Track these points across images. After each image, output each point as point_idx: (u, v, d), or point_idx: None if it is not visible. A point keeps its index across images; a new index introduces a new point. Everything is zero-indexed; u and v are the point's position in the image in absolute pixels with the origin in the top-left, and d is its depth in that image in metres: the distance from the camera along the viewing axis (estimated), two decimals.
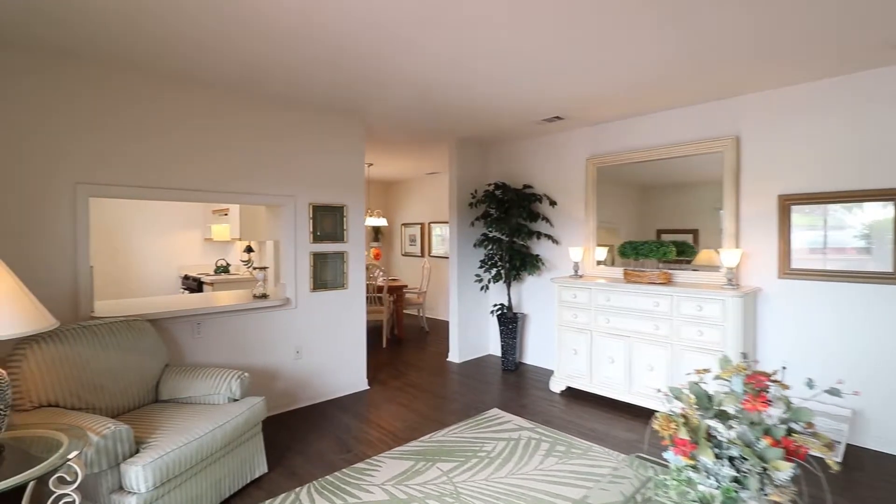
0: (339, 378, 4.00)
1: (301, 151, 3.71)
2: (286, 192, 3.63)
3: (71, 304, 2.72)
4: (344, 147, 3.99)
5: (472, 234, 5.16)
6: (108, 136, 2.85)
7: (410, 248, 8.35)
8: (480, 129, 4.56)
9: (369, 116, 4.06)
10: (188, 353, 3.17)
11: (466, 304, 5.13)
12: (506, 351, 4.75)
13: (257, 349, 3.49)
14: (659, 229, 4.02)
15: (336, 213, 3.93)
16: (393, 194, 8.75)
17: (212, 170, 3.25)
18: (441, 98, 3.52)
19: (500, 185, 4.79)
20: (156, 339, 2.76)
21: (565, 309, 4.05)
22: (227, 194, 3.32)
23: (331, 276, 3.90)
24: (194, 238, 6.61)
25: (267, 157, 3.52)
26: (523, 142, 5.02)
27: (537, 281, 4.90)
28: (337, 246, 3.95)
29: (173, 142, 3.09)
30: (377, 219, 6.60)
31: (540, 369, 4.78)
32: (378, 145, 5.26)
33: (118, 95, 2.88)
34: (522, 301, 5.05)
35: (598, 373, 3.84)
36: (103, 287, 5.80)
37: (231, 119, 3.33)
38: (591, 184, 4.37)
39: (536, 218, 4.72)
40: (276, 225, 3.78)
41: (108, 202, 5.85)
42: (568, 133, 4.58)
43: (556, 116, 4.08)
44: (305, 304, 3.76)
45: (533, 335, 4.96)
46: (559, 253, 4.71)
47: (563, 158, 4.66)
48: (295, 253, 3.69)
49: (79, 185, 2.75)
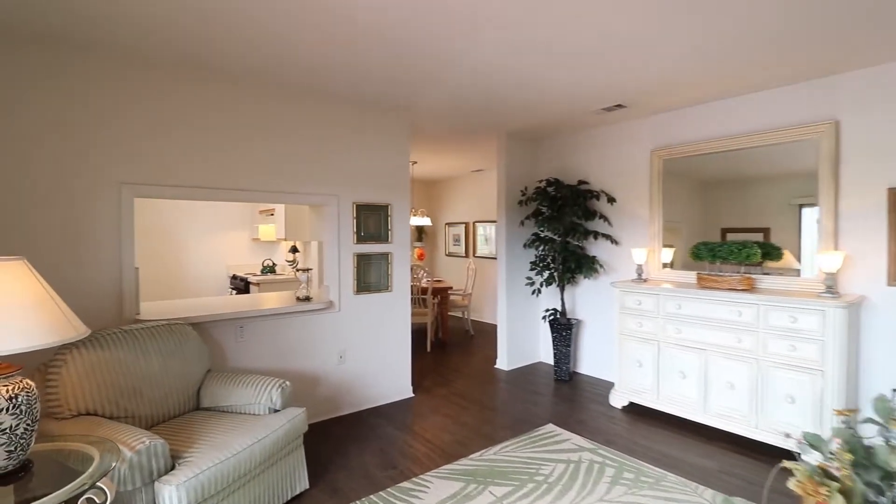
0: (383, 385, 3.82)
1: (345, 149, 3.55)
2: (329, 190, 3.48)
3: (115, 306, 2.67)
4: (388, 144, 3.80)
5: (522, 233, 4.86)
6: (153, 135, 2.78)
7: (454, 248, 8.13)
8: (532, 122, 4.26)
9: (416, 111, 3.85)
10: (231, 356, 3.07)
11: (515, 308, 4.84)
12: (559, 359, 4.41)
13: (300, 353, 3.37)
14: (724, 228, 3.60)
15: (380, 212, 3.75)
16: (437, 193, 8.55)
17: (255, 169, 3.14)
18: (493, 88, 3.26)
19: (552, 182, 4.46)
20: (198, 343, 2.66)
21: (628, 316, 3.68)
22: (270, 193, 3.21)
23: (375, 278, 3.73)
24: (242, 238, 6.68)
25: (310, 155, 3.38)
26: (578, 134, 4.67)
27: (593, 285, 4.53)
28: (381, 247, 3.77)
29: (217, 141, 3.00)
30: (421, 218, 6.42)
31: (597, 380, 4.41)
32: (422, 142, 5.06)
33: (163, 95, 2.81)
34: (576, 306, 4.70)
35: (666, 388, 3.45)
36: (155, 288, 5.94)
37: (275, 117, 3.22)
38: (656, 178, 3.96)
39: (593, 216, 4.35)
40: (320, 225, 3.65)
41: (160, 203, 5.99)
42: (629, 123, 4.19)
43: (618, 105, 3.71)
44: (349, 307, 3.60)
45: (588, 343, 4.59)
46: (618, 254, 4.33)
47: (623, 151, 4.27)
48: (338, 254, 3.54)
49: (123, 186, 2.69)
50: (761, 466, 2.79)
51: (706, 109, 3.66)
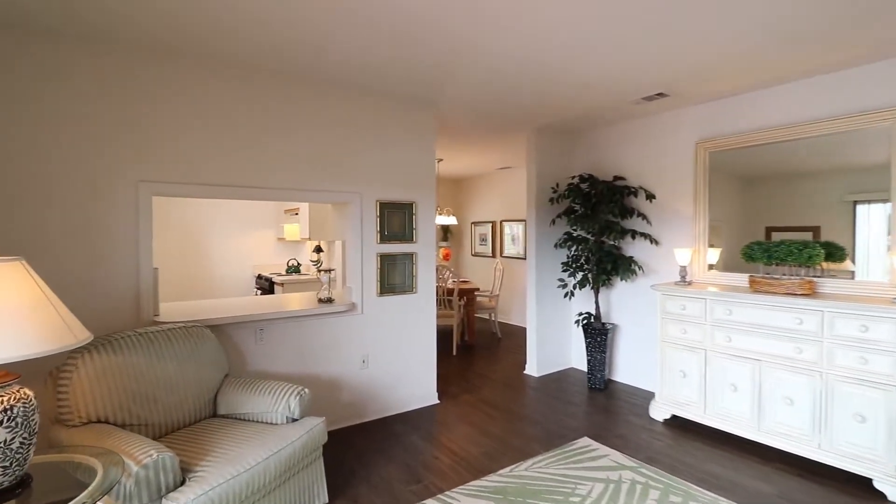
0: (408, 390, 3.66)
1: (368, 145, 3.41)
2: (352, 188, 3.34)
3: (132, 307, 2.60)
4: (413, 139, 3.64)
5: (553, 233, 4.62)
6: (173, 132, 2.70)
7: (481, 248, 7.92)
8: (565, 114, 4.02)
9: (441, 104, 3.68)
10: (250, 360, 2.97)
11: (545, 312, 4.60)
12: (593, 366, 4.16)
13: (321, 357, 3.24)
14: (769, 227, 3.33)
15: (405, 210, 3.59)
16: (462, 191, 8.36)
17: (276, 166, 3.03)
18: (524, 79, 3.05)
19: (586, 177, 4.20)
20: (216, 347, 2.56)
21: (671, 322, 3.41)
22: (292, 191, 3.09)
23: (399, 280, 3.57)
24: (268, 237, 6.66)
25: (333, 151, 3.25)
26: (613, 128, 4.39)
27: (630, 287, 4.25)
28: (405, 246, 3.61)
29: (238, 138, 2.89)
30: (447, 217, 6.24)
31: (634, 390, 4.14)
32: (448, 138, 4.89)
33: (184, 91, 2.72)
34: (611, 309, 4.43)
35: (714, 402, 3.16)
36: (179, 288, 5.97)
37: (297, 113, 3.10)
38: (701, 172, 3.66)
39: (630, 214, 4.08)
40: (342, 224, 3.52)
41: (185, 203, 6.01)
42: (672, 113, 3.90)
43: (659, 93, 3.44)
44: (372, 309, 3.45)
45: (624, 349, 4.32)
46: (658, 255, 4.04)
47: (664, 144, 3.98)
48: (361, 254, 3.40)
49: (141, 184, 2.61)
50: (827, 492, 2.49)
51: (756, 97, 3.35)
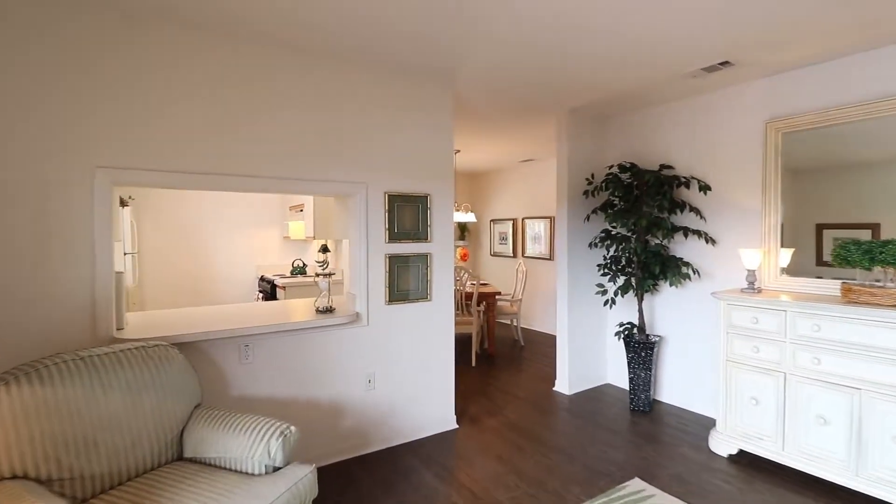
0: (421, 414, 3.15)
1: (374, 127, 2.90)
2: (355, 177, 2.84)
3: (87, 321, 2.13)
4: (428, 121, 3.12)
5: (587, 231, 4.06)
6: (139, 110, 2.22)
7: (500, 248, 7.37)
8: (605, 93, 3.45)
9: (459, 80, 3.15)
10: (234, 382, 2.49)
11: (578, 320, 4.04)
12: (635, 385, 3.59)
13: (319, 377, 2.75)
14: (819, 224, 2.87)
15: (417, 204, 3.07)
16: (481, 187, 7.82)
17: (266, 151, 2.54)
18: (554, 49, 2.50)
19: (627, 167, 3.63)
20: (185, 370, 2.08)
21: (739, 338, 2.82)
22: (284, 181, 2.60)
23: (411, 285, 3.06)
24: (272, 236, 6.23)
25: (332, 134, 2.75)
26: (658, 109, 3.80)
27: (678, 293, 3.67)
28: (419, 246, 3.09)
29: (220, 118, 2.41)
30: (465, 214, 5.72)
31: (685, 413, 3.55)
32: (466, 125, 4.36)
33: (154, 61, 2.24)
34: (655, 319, 3.84)
35: (797, 437, 2.57)
36: (176, 292, 5.56)
37: (288, 89, 2.60)
38: (772, 157, 3.06)
39: (680, 209, 3.49)
40: (345, 220, 3.02)
41: (183, 197, 5.60)
42: (734, 89, 3.30)
43: (724, 62, 2.85)
44: (379, 320, 2.95)
45: (672, 366, 3.73)
46: (714, 256, 3.44)
47: (722, 126, 3.38)
48: (366, 255, 2.89)
49: (100, 170, 2.15)
50: None
51: (848, 64, 2.73)
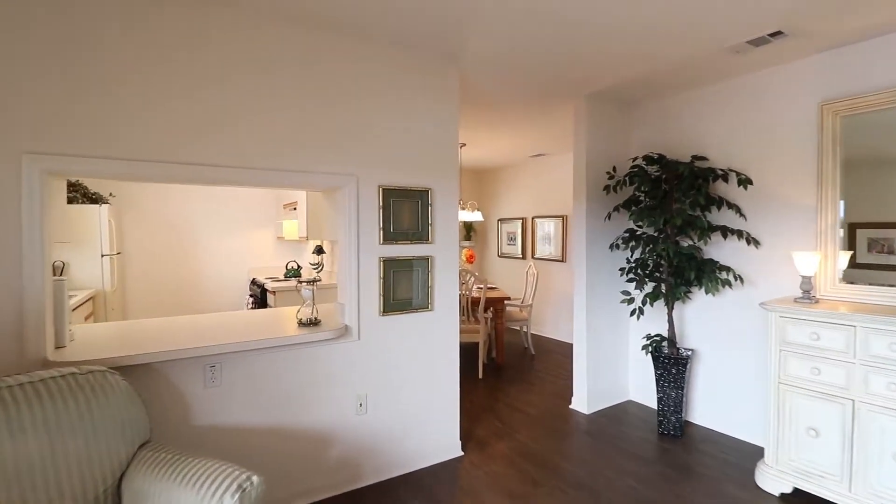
0: (421, 441, 2.75)
1: (368, 110, 2.50)
2: (345, 168, 2.44)
3: (11, 342, 1.75)
4: (430, 105, 2.72)
5: (607, 231, 3.64)
6: (78, 82, 1.84)
7: (509, 249, 6.96)
8: (626, 75, 3.03)
9: (465, 60, 2.75)
10: (197, 410, 2.10)
11: (597, 330, 3.62)
12: (665, 406, 3.16)
13: (302, 401, 2.35)
14: (853, 223, 2.55)
15: (417, 200, 2.67)
16: (488, 184, 7.41)
17: (234, 136, 2.15)
18: (571, 20, 2.09)
19: (655, 158, 3.21)
20: (128, 402, 1.69)
21: (795, 357, 2.40)
22: (259, 172, 2.20)
23: (409, 293, 2.66)
24: (266, 237, 5.86)
25: (318, 116, 2.36)
26: (690, 92, 3.38)
27: (713, 301, 3.24)
28: (418, 248, 2.69)
29: (177, 95, 2.03)
30: (472, 212, 5.31)
31: (722, 439, 3.12)
32: (472, 115, 3.95)
33: (91, 18, 1.86)
34: (686, 329, 3.42)
35: (867, 477, 2.14)
36: (161, 299, 5.20)
37: (265, 60, 2.21)
38: (828, 145, 2.63)
39: (717, 205, 3.07)
40: (333, 218, 2.63)
41: (165, 194, 5.24)
42: (783, 68, 2.86)
43: (776, 32, 2.43)
44: (372, 333, 2.55)
45: (705, 383, 3.31)
46: (757, 259, 3.02)
47: (766, 110, 2.95)
48: (357, 259, 2.50)
49: (27, 157, 1.77)
50: None
51: None
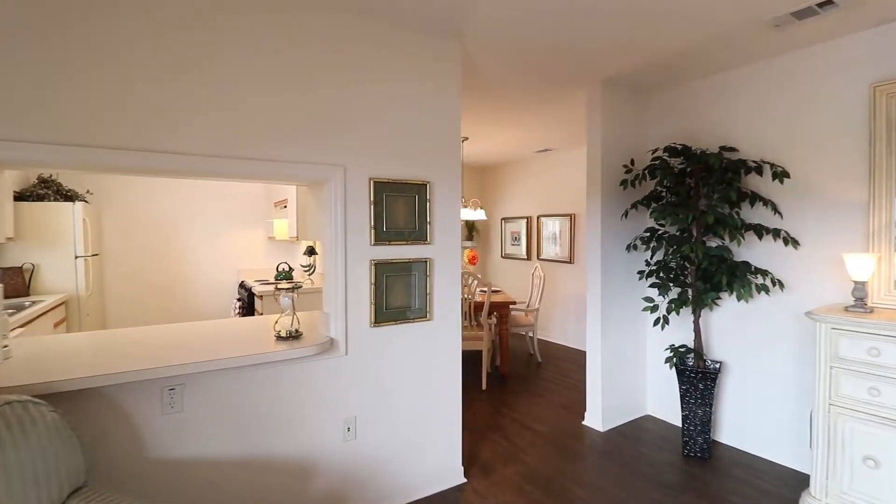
0: (419, 468, 2.43)
1: (357, 92, 2.18)
2: (328, 158, 2.12)
3: None
4: (429, 87, 2.40)
5: (623, 230, 3.32)
6: (16, 55, 1.53)
7: (513, 249, 6.64)
8: (645, 56, 2.71)
9: (468, 37, 2.44)
10: (152, 441, 1.78)
11: (613, 338, 3.30)
12: (690, 425, 2.84)
13: (279, 427, 2.04)
14: None
15: (414, 195, 2.35)
16: (491, 181, 7.09)
17: (204, 120, 1.84)
18: None
19: (678, 149, 2.89)
20: (56, 438, 1.38)
21: (849, 375, 2.08)
22: (228, 161, 1.89)
23: (405, 300, 2.34)
24: (257, 236, 5.54)
25: (299, 98, 2.04)
26: (716, 76, 3.05)
27: (744, 308, 2.92)
28: (416, 249, 2.38)
29: (140, 72, 1.71)
30: (474, 211, 4.99)
31: (754, 462, 2.80)
32: (475, 107, 3.63)
33: None
34: (711, 339, 3.10)
35: None
36: (146, 300, 4.90)
37: (233, 28, 1.90)
38: (881, 131, 2.30)
39: (751, 201, 2.75)
40: (318, 215, 2.32)
41: (155, 193, 4.93)
42: (826, 46, 2.54)
43: (825, 2, 2.11)
44: (362, 347, 2.24)
45: (734, 398, 2.98)
46: (793, 262, 2.69)
47: (805, 94, 2.63)
48: (344, 262, 2.18)
49: None
50: None
51: None
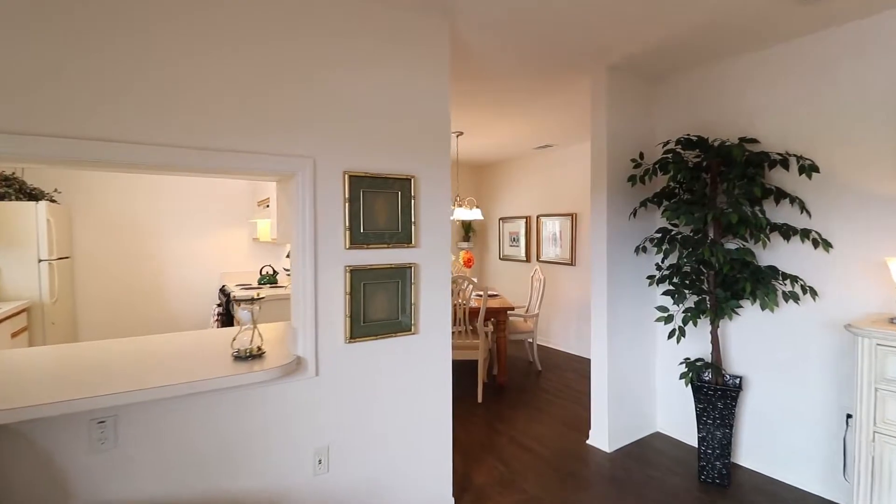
0: (403, 497, 2.14)
1: (330, 73, 1.90)
2: (295, 148, 1.83)
3: None
4: (413, 67, 2.11)
5: (631, 231, 3.04)
6: None
7: (511, 251, 6.35)
8: (660, 34, 2.43)
9: (459, 15, 2.15)
10: (78, 485, 1.49)
11: (620, 350, 3.01)
12: (709, 447, 2.55)
13: (237, 463, 1.75)
14: None
15: (396, 191, 2.06)
16: (488, 179, 6.81)
17: (137, 97, 1.55)
18: None
19: (693, 141, 2.60)
20: None
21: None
22: (164, 149, 1.59)
23: (386, 312, 2.05)
24: (241, 237, 5.25)
25: (260, 78, 1.75)
26: (735, 59, 2.76)
27: (765, 317, 2.63)
28: (399, 253, 2.09)
29: (55, 38, 1.43)
30: (470, 210, 4.71)
31: (780, 490, 2.51)
32: (470, 94, 3.35)
33: None
34: (728, 350, 2.81)
35: None
36: (121, 307, 4.60)
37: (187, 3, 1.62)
38: None
39: (776, 198, 2.46)
40: (288, 215, 2.04)
41: (130, 192, 4.63)
42: (859, 24, 2.25)
43: None
44: (336, 366, 1.95)
45: (755, 416, 2.69)
46: (824, 265, 2.41)
47: (837, 78, 2.34)
48: (314, 268, 1.89)
49: None
50: None
51: None
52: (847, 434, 2.30)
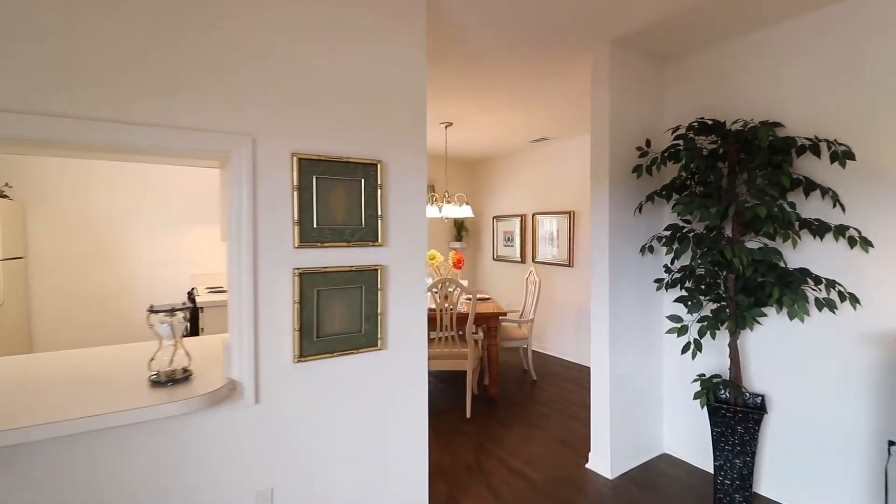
0: None
1: (273, 36, 1.56)
2: (228, 124, 1.49)
3: None
4: (381, 34, 1.77)
5: (636, 229, 2.70)
6: None
7: (505, 251, 6.01)
8: (668, 10, 2.09)
9: None
10: None
11: (624, 362, 2.67)
12: (727, 476, 2.22)
13: None
14: None
15: (359, 179, 1.72)
16: (480, 175, 6.47)
17: (44, 63, 1.21)
18: None
19: (708, 125, 2.27)
20: None
21: None
22: (82, 123, 1.25)
23: (346, 324, 1.71)
24: (211, 234, 4.88)
25: (188, 32, 1.41)
26: (752, 35, 2.43)
27: (793, 327, 2.30)
28: (361, 254, 1.74)
29: None
30: (458, 207, 4.36)
31: None
32: (458, 78, 3.01)
33: None
34: (748, 365, 2.48)
35: None
36: (80, 313, 4.23)
37: None
38: None
39: (805, 190, 2.13)
40: (222, 206, 1.69)
41: (92, 187, 4.27)
42: None
43: None
44: (281, 391, 1.60)
45: (778, 440, 2.36)
46: (860, 268, 2.07)
47: (873, 51, 2.01)
48: (253, 272, 1.54)
49: None
50: None
51: None
52: (889, 464, 1.98)
